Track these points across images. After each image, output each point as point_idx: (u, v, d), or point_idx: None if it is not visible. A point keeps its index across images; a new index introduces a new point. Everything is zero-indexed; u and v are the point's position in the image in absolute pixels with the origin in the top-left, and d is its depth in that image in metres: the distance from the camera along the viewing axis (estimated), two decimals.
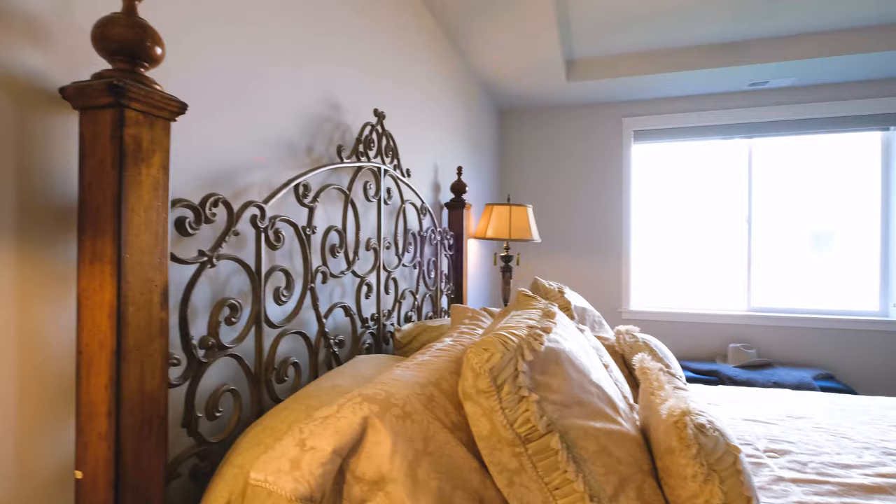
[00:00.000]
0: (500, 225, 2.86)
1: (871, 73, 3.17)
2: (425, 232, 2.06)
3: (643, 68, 3.18)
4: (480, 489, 0.88)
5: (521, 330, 0.94)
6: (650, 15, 2.68)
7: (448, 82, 2.61)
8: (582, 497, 0.83)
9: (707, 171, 3.72)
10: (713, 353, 3.56)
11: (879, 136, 3.41)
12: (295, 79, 1.32)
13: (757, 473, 1.25)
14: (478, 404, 0.86)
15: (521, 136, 4.01)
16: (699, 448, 0.84)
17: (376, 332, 1.63)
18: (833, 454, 1.34)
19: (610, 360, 1.45)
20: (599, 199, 3.82)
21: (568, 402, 0.90)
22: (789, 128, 3.49)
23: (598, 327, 1.87)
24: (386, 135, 1.71)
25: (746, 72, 3.13)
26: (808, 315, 3.42)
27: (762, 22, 2.75)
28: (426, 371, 0.99)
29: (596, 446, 0.88)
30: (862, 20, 2.73)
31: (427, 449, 0.82)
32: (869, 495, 1.14)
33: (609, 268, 3.79)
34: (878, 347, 3.28)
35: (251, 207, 1.05)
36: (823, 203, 3.50)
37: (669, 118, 3.68)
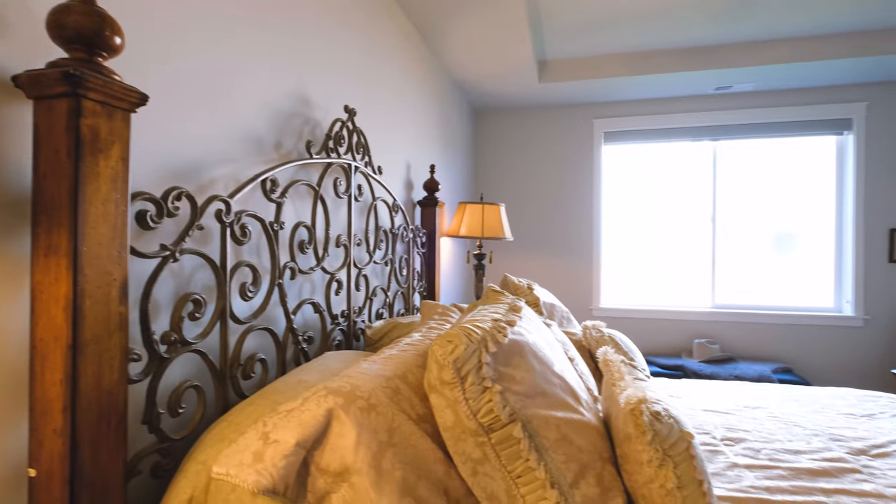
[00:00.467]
0: (472, 223, 2.88)
1: (827, 80, 3.32)
2: (397, 229, 2.07)
3: (613, 71, 3.26)
4: (445, 479, 0.89)
5: (485, 323, 0.96)
6: (620, 18, 2.74)
7: (422, 81, 2.62)
8: (543, 484, 0.85)
9: (674, 172, 3.83)
10: (679, 348, 3.67)
11: (834, 140, 3.57)
12: (264, 74, 1.31)
13: (713, 460, 1.30)
14: (442, 395, 0.87)
15: (494, 135, 4.05)
16: (654, 434, 0.87)
17: (346, 329, 1.63)
18: (785, 441, 1.41)
19: (576, 354, 1.49)
20: (571, 198, 3.89)
21: (531, 393, 0.92)
22: (752, 131, 3.62)
23: (567, 322, 1.92)
24: (357, 131, 1.71)
25: (712, 76, 3.23)
26: (769, 311, 3.56)
27: (726, 28, 2.85)
28: (392, 364, 1.00)
29: (557, 435, 0.91)
30: (818, 29, 2.86)
31: (392, 440, 0.83)
32: (815, 478, 1.20)
33: (580, 266, 3.86)
34: (832, 341, 3.44)
35: (216, 202, 1.04)
36: (785, 205, 3.64)
37: (638, 120, 3.78)
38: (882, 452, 1.34)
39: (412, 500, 0.80)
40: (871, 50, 2.89)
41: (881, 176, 3.39)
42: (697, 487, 0.87)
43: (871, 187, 3.40)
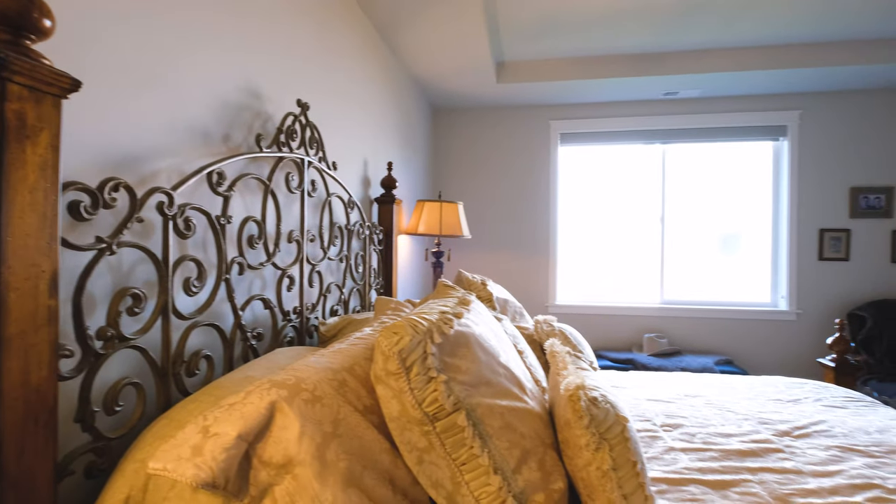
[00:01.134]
0: (431, 221, 2.90)
1: (765, 89, 3.54)
2: (353, 226, 2.06)
3: (568, 73, 3.35)
4: (391, 469, 0.90)
5: (432, 315, 0.98)
6: (574, 23, 2.83)
7: (379, 77, 2.62)
8: (487, 471, 0.88)
9: (626, 174, 3.98)
10: (630, 342, 3.82)
11: (771, 145, 3.80)
12: (212, 64, 1.28)
13: (652, 445, 1.37)
14: (388, 386, 0.88)
15: (454, 134, 4.08)
16: (591, 419, 0.91)
17: (299, 326, 1.61)
18: (718, 426, 1.50)
19: (526, 347, 1.53)
20: (528, 197, 3.98)
21: (476, 382, 0.95)
22: (698, 135, 3.81)
23: (519, 317, 1.96)
24: (310, 126, 1.69)
25: (660, 82, 3.38)
26: (713, 307, 3.76)
27: (672, 37, 2.99)
28: (340, 357, 1.00)
29: (501, 422, 0.94)
30: (756, 41, 3.04)
31: (336, 432, 0.84)
32: (743, 458, 1.29)
33: (536, 264, 3.95)
34: (768, 334, 3.67)
35: (157, 194, 1.01)
36: (729, 207, 3.85)
37: (592, 122, 3.90)
38: (803, 433, 1.45)
39: (357, 491, 0.81)
40: (804, 62, 3.09)
41: (812, 180, 3.64)
42: (631, 468, 0.92)
43: (804, 190, 3.65)
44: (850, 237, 3.61)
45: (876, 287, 3.57)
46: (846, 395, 1.83)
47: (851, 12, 2.67)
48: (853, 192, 3.60)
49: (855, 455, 1.31)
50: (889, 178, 3.57)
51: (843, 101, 3.60)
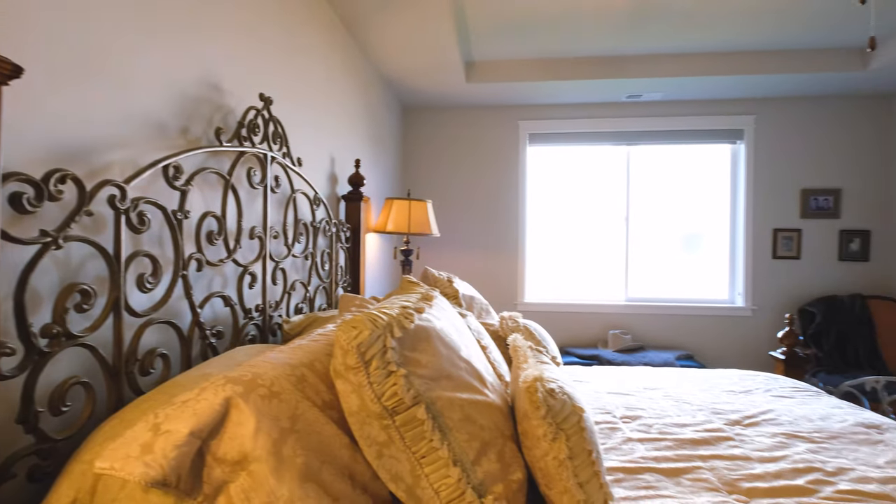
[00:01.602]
0: (399, 219, 2.90)
1: (723, 94, 3.68)
2: (319, 223, 2.04)
3: (535, 75, 3.40)
4: (350, 464, 0.90)
5: (393, 310, 0.98)
6: (540, 25, 2.87)
7: (347, 74, 2.60)
8: (446, 463, 0.89)
9: (593, 174, 4.06)
10: (596, 339, 3.90)
11: (729, 148, 3.96)
12: (168, 55, 1.24)
13: (611, 436, 1.41)
14: (347, 381, 0.88)
15: (423, 133, 4.08)
16: (548, 409, 0.94)
17: (262, 324, 1.58)
18: (674, 416, 1.56)
19: (490, 342, 1.55)
20: (497, 197, 4.02)
21: (436, 376, 0.96)
22: (661, 137, 3.93)
23: (485, 314, 1.99)
24: (273, 121, 1.67)
25: (624, 85, 3.47)
26: (675, 304, 3.88)
27: (634, 41, 3.07)
28: (300, 353, 1.00)
29: (461, 415, 0.95)
30: (712, 47, 3.16)
31: (294, 427, 0.83)
32: (696, 446, 1.34)
33: (506, 262, 4.00)
34: (725, 330, 3.81)
35: (109, 187, 0.98)
36: (691, 207, 3.98)
37: (560, 123, 3.97)
38: (752, 422, 1.52)
39: (314, 486, 0.81)
40: (758, 69, 3.23)
41: (766, 182, 3.80)
42: (587, 457, 0.95)
43: (759, 191, 3.81)
44: (801, 237, 3.79)
45: (824, 284, 3.76)
46: (794, 386, 1.92)
47: (802, 23, 2.80)
48: (804, 194, 3.78)
49: (799, 441, 1.38)
50: (837, 180, 3.76)
51: (794, 107, 3.77)
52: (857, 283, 3.73)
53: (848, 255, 3.74)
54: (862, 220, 3.74)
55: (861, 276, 3.73)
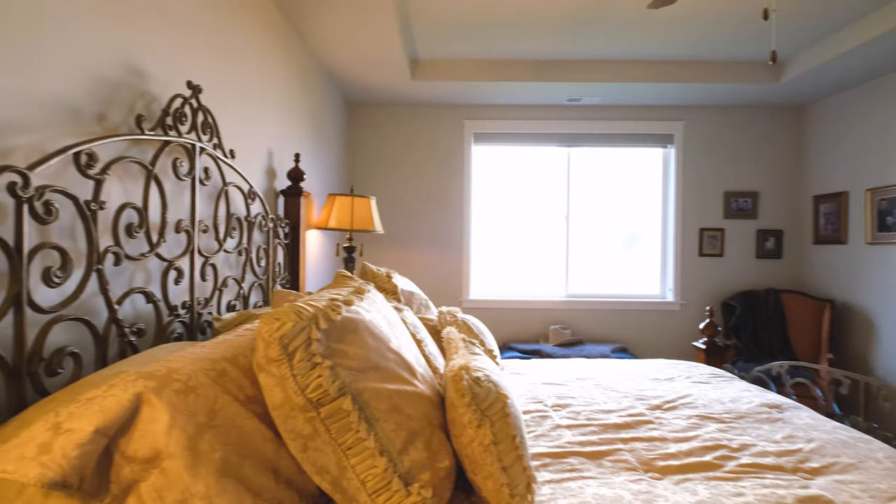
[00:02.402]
0: (342, 215, 2.86)
1: (654, 100, 3.89)
2: (254, 218, 1.98)
3: (480, 75, 3.46)
4: (274, 458, 0.89)
5: (320, 302, 0.98)
6: (483, 26, 2.92)
7: (287, 65, 2.53)
8: (373, 453, 0.89)
9: (535, 174, 4.18)
10: (538, 334, 4.02)
11: (661, 152, 4.19)
12: (83, 35, 1.17)
13: (542, 424, 1.46)
14: (270, 374, 0.87)
15: (368, 129, 4.05)
16: (472, 397, 0.96)
17: (189, 322, 1.52)
18: (601, 403, 1.64)
19: (426, 336, 1.57)
20: (442, 194, 4.05)
21: (363, 367, 0.96)
22: (599, 140, 4.10)
23: (425, 309, 2.00)
24: (203, 110, 1.60)
25: (565, 88, 3.59)
26: (612, 300, 4.07)
27: (573, 45, 3.19)
28: (223, 348, 0.97)
29: (388, 405, 0.96)
30: (645, 55, 3.33)
31: (212, 422, 0.81)
32: (619, 430, 1.42)
33: (451, 260, 4.04)
34: (657, 323, 4.04)
35: (8, 173, 0.91)
36: (629, 207, 4.18)
37: (504, 123, 4.06)
38: (671, 406, 1.63)
39: (233, 481, 0.79)
40: (686, 77, 3.44)
41: (694, 184, 4.06)
42: (511, 442, 0.98)
43: (687, 193, 4.06)
44: (724, 236, 4.07)
45: (744, 279, 4.06)
46: (711, 373, 2.07)
47: (724, 37, 3.01)
48: (726, 196, 4.07)
49: (710, 422, 1.49)
50: (755, 184, 4.07)
51: (719, 115, 4.05)
52: (772, 278, 4.06)
53: (764, 253, 4.06)
54: (776, 221, 4.07)
55: (775, 272, 4.06)
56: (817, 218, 3.88)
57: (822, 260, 3.83)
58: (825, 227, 3.80)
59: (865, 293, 3.42)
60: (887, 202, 3.24)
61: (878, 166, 3.32)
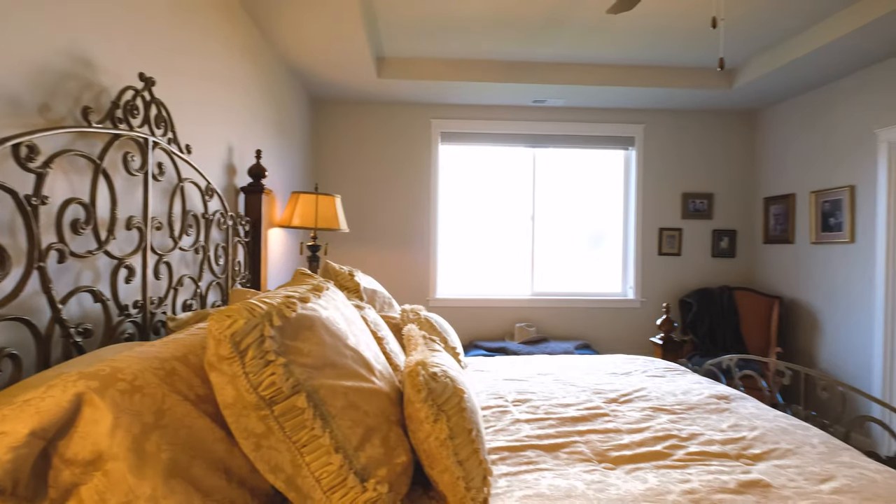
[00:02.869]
0: (306, 213, 2.82)
1: (617, 103, 3.99)
2: (212, 215, 1.93)
3: (446, 74, 3.47)
4: (226, 458, 0.88)
5: (275, 299, 0.97)
6: (450, 26, 2.93)
7: (248, 60, 2.48)
8: (328, 450, 0.89)
9: (501, 174, 4.23)
10: (503, 332, 4.07)
11: (623, 154, 4.31)
12: (23, 21, 1.11)
13: (502, 419, 1.48)
14: (221, 372, 0.85)
15: (334, 127, 4.00)
16: (429, 392, 0.97)
17: (142, 322, 1.47)
18: (560, 398, 1.68)
19: (388, 334, 1.57)
20: (410, 193, 4.04)
21: (320, 365, 0.95)
22: (563, 141, 4.18)
23: (388, 308, 2.00)
24: (157, 103, 1.56)
25: (530, 90, 3.65)
26: (576, 297, 4.15)
27: (538, 47, 3.25)
28: (173, 347, 0.95)
29: (344, 402, 0.95)
30: (607, 59, 3.42)
31: (160, 422, 0.79)
32: (576, 423, 1.46)
33: (417, 259, 4.04)
34: (618, 320, 4.15)
35: None
36: (594, 207, 4.28)
37: (471, 123, 4.09)
38: (627, 399, 1.68)
39: (182, 481, 0.77)
40: (645, 82, 3.55)
41: (653, 185, 4.20)
42: (467, 436, 1.00)
43: (647, 194, 4.19)
44: (682, 235, 4.22)
45: (700, 277, 4.22)
46: (666, 367, 2.15)
47: (679, 44, 3.13)
48: (684, 197, 4.22)
49: (662, 413, 1.55)
50: (710, 186, 4.24)
51: (677, 118, 4.20)
52: (726, 276, 4.23)
53: (719, 252, 4.24)
54: (730, 221, 4.25)
55: (729, 270, 4.24)
56: (767, 218, 4.07)
57: (772, 259, 4.03)
58: (774, 227, 4.00)
59: (810, 290, 3.61)
60: (830, 204, 3.43)
61: (822, 170, 3.52)
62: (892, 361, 2.97)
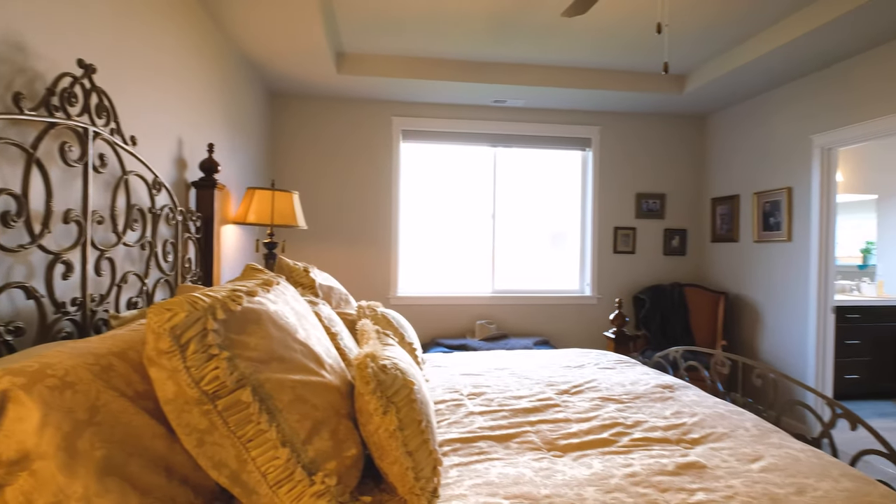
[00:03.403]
0: (262, 210, 2.76)
1: (574, 105, 4.10)
2: (160, 210, 1.86)
3: (407, 72, 3.47)
4: (167, 455, 0.85)
5: (220, 292, 0.95)
6: (412, 23, 2.94)
7: (200, 50, 2.40)
8: (275, 445, 0.88)
9: (462, 172, 4.26)
10: (464, 329, 4.11)
11: (580, 155, 4.42)
12: None
13: (456, 412, 1.50)
14: (161, 367, 0.83)
15: (293, 122, 3.93)
16: (378, 384, 0.98)
17: (81, 320, 1.41)
18: (515, 390, 1.71)
19: (342, 330, 1.56)
20: (371, 191, 4.02)
21: (266, 358, 0.94)
22: (522, 141, 4.25)
23: (345, 304, 1.99)
24: (98, 91, 1.49)
25: (490, 90, 3.69)
26: (536, 295, 4.24)
27: (497, 48, 3.29)
28: (111, 342, 0.91)
29: (292, 396, 0.95)
30: (567, 62, 3.51)
31: (93, 419, 0.77)
32: (528, 414, 1.49)
33: (379, 257, 4.02)
34: (576, 316, 4.27)
35: None
36: (554, 206, 4.37)
37: (432, 122, 4.10)
38: (578, 390, 1.73)
39: (117, 479, 0.75)
40: (601, 84, 3.66)
41: (609, 185, 4.33)
42: (417, 427, 1.01)
43: (603, 194, 4.32)
44: (636, 234, 4.38)
45: (653, 275, 4.39)
46: (617, 359, 2.23)
47: (632, 48, 3.24)
48: (638, 197, 4.37)
49: (610, 403, 1.61)
50: (663, 186, 4.41)
51: (631, 121, 4.35)
52: (677, 273, 4.42)
53: (670, 250, 4.42)
54: (681, 221, 4.44)
55: (679, 268, 4.43)
56: (715, 218, 4.28)
57: (719, 256, 4.24)
58: (721, 226, 4.20)
59: (753, 286, 3.82)
60: (770, 205, 3.64)
61: (763, 172, 3.73)
62: (825, 352, 3.18)
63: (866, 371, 4.08)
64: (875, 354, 4.09)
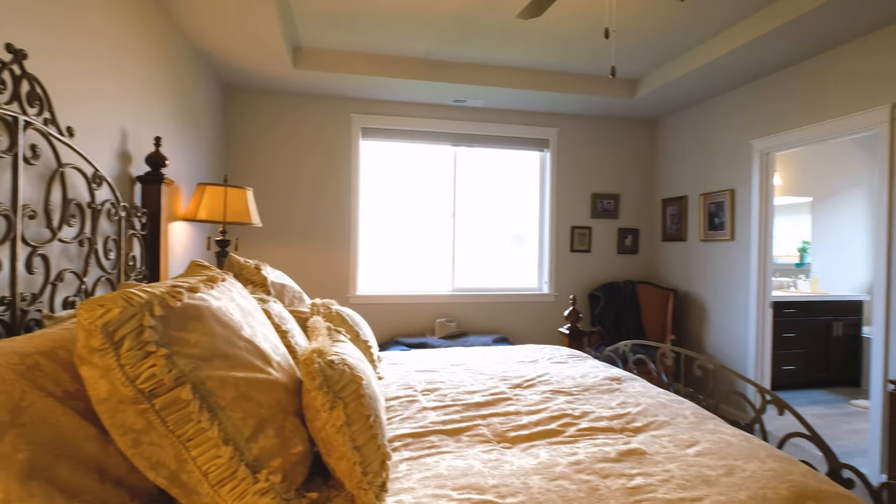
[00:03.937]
0: (213, 207, 2.68)
1: (533, 106, 4.18)
2: (100, 205, 1.78)
3: (366, 69, 3.45)
4: (100, 456, 0.82)
5: (158, 288, 0.92)
6: (371, 20, 2.91)
7: (146, 39, 2.30)
8: (216, 443, 0.87)
9: (423, 171, 4.27)
10: (424, 328, 4.12)
11: (538, 155, 4.51)
12: None
13: (409, 408, 1.51)
14: (93, 365, 0.80)
15: (249, 117, 3.83)
16: (325, 379, 0.97)
17: (10, 320, 1.33)
18: (468, 385, 1.74)
19: (294, 327, 1.54)
20: (329, 189, 3.97)
21: (208, 355, 0.92)
22: (482, 141, 4.30)
23: (298, 302, 1.96)
24: (29, 78, 1.41)
25: (450, 89, 3.71)
26: (495, 293, 4.29)
27: (457, 47, 3.32)
28: (38, 341, 0.87)
29: (236, 393, 0.93)
30: (525, 64, 3.57)
31: (17, 420, 0.73)
32: (480, 408, 1.52)
33: (337, 255, 3.97)
34: (534, 314, 4.35)
35: None
36: (514, 206, 4.43)
37: (392, 120, 4.08)
38: (530, 384, 1.78)
39: (42, 483, 0.72)
40: (557, 87, 3.75)
41: (566, 186, 4.44)
42: (365, 422, 1.01)
43: (561, 194, 4.43)
44: (592, 233, 4.51)
45: (607, 273, 4.53)
46: (570, 353, 2.29)
47: (585, 53, 3.33)
48: (593, 198, 4.51)
49: (560, 395, 1.66)
50: (617, 187, 4.56)
51: (587, 123, 4.47)
52: (630, 271, 4.58)
53: (624, 249, 4.57)
54: (633, 221, 4.61)
55: (632, 266, 4.59)
56: (665, 218, 4.46)
57: (668, 255, 4.42)
58: (671, 226, 4.39)
59: (699, 283, 4.01)
60: (715, 205, 3.83)
61: (709, 174, 3.92)
62: (763, 344, 3.38)
63: (802, 362, 4.36)
64: (810, 347, 4.38)
